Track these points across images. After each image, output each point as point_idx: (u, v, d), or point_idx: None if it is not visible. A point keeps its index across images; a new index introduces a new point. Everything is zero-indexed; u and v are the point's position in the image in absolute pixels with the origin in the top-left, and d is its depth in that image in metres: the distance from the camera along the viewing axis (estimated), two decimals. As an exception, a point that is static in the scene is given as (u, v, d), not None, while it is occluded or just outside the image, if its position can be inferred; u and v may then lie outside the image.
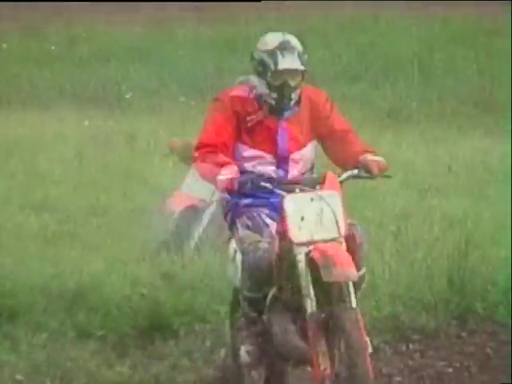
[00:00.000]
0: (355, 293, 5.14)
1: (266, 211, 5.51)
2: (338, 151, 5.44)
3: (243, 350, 5.48)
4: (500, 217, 11.75)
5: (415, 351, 8.76)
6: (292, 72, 5.28)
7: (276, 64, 5.25)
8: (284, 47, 5.28)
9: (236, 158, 5.47)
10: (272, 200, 5.39)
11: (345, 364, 4.99)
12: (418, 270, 9.90)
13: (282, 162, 5.37)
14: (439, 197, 12.81)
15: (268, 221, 5.50)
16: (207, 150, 5.40)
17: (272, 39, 5.39)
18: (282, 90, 5.27)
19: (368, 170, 5.26)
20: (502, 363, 8.50)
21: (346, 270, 4.77)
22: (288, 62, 5.24)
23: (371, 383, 4.93)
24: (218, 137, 5.37)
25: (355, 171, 5.32)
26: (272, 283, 5.30)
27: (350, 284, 4.97)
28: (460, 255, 9.71)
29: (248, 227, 5.34)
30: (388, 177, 5.78)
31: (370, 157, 5.29)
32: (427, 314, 9.25)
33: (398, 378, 8.17)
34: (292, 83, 5.27)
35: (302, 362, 5.37)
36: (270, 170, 5.43)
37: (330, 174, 5.18)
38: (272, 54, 5.27)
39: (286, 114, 5.38)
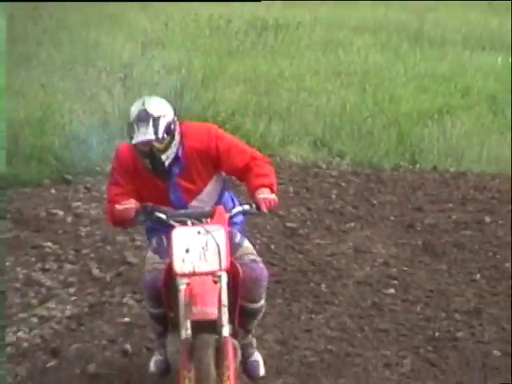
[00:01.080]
0: (252, 321, 5.01)
1: None
2: (245, 183, 5.01)
3: (152, 361, 5.11)
4: (209, 65, 12.38)
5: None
6: (152, 141, 4.69)
7: (131, 138, 4.69)
8: (139, 118, 4.69)
9: None
10: None
11: None
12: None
13: None
14: (158, 49, 13.18)
15: None
16: (109, 205, 4.95)
17: (133, 110, 4.75)
18: (151, 156, 4.74)
19: (258, 208, 4.77)
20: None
21: (206, 308, 4.36)
22: (141, 135, 4.66)
23: None
24: (116, 190, 4.90)
25: (246, 207, 4.84)
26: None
27: (225, 315, 4.58)
28: (176, 96, 10.29)
29: (154, 250, 4.97)
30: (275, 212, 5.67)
31: (262, 195, 4.76)
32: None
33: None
34: (159, 147, 4.72)
35: None
36: None
37: (219, 209, 4.78)
38: (131, 127, 4.70)
39: (174, 172, 4.88)
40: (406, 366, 6.06)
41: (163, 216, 4.76)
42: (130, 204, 4.76)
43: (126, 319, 6.55)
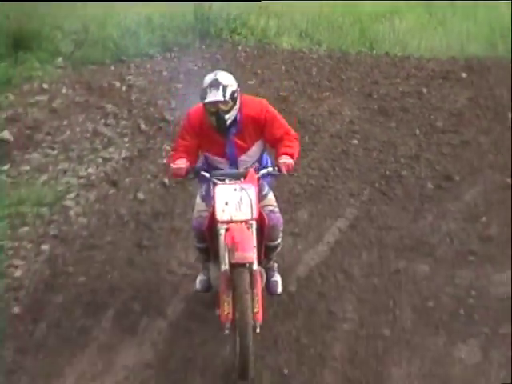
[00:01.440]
0: (273, 253, 4.50)
1: None
2: (275, 149, 4.45)
3: (197, 280, 4.63)
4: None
5: (175, 57, 8.66)
6: (220, 102, 4.21)
7: (204, 98, 4.22)
8: (211, 85, 4.22)
9: (205, 160, 4.53)
10: None
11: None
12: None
13: (232, 163, 4.42)
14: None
15: None
16: (173, 153, 4.46)
17: (207, 79, 4.29)
18: (216, 114, 4.24)
19: (279, 170, 4.28)
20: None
21: (245, 253, 4.00)
22: (212, 96, 4.19)
23: (249, 330, 3.95)
24: (182, 142, 4.37)
25: (270, 169, 4.35)
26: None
27: (254, 254, 4.16)
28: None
29: (202, 197, 4.45)
30: (292, 175, 5.27)
31: (282, 159, 4.28)
32: (181, 35, 9.10)
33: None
34: (224, 108, 4.23)
35: None
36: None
37: (251, 171, 4.30)
38: (204, 90, 4.23)
39: (231, 131, 4.33)
40: (365, 196, 5.75)
41: (207, 175, 4.28)
42: (182, 164, 4.25)
43: (164, 161, 6.15)
